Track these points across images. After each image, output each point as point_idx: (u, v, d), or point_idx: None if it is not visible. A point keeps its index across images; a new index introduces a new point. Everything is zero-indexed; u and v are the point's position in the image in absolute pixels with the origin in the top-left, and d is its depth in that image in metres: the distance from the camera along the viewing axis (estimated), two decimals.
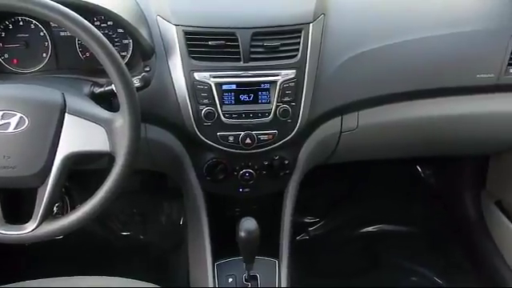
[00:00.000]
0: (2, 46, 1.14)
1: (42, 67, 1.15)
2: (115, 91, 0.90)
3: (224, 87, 1.10)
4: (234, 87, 1.10)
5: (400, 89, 1.22)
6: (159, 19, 1.13)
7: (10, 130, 0.87)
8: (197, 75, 1.09)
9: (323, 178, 1.75)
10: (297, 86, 1.11)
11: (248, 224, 1.06)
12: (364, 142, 1.31)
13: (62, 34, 1.14)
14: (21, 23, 1.13)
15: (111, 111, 0.93)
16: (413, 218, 1.93)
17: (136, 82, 1.01)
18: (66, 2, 0.89)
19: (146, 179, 1.84)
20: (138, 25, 1.08)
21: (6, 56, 1.15)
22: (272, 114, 1.11)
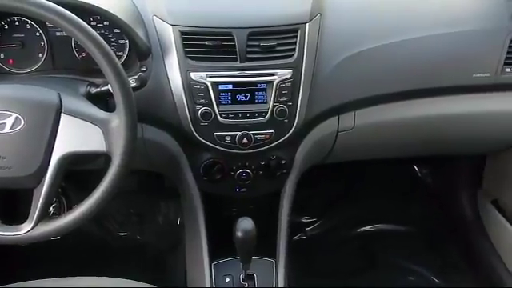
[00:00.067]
0: None
1: (38, 67, 1.15)
2: (111, 91, 0.90)
3: (220, 87, 1.10)
4: (230, 87, 1.10)
5: (397, 88, 1.22)
6: (155, 19, 1.13)
7: (5, 131, 0.87)
8: (193, 75, 1.09)
9: (320, 177, 1.75)
10: (293, 85, 1.11)
11: (245, 224, 1.05)
12: (361, 141, 1.31)
13: (58, 34, 1.14)
14: (16, 23, 1.13)
15: (107, 111, 0.92)
16: (410, 218, 1.94)
17: (132, 82, 1.01)
18: (61, 1, 0.88)
19: (143, 179, 1.84)
20: (134, 25, 1.08)
21: (1, 56, 1.14)
22: (269, 114, 1.11)
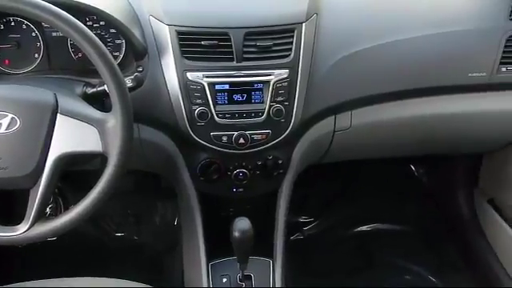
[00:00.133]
0: None
1: (34, 68, 1.15)
2: (107, 91, 0.90)
3: (217, 87, 1.10)
4: (227, 87, 1.10)
5: (393, 88, 1.22)
6: (152, 19, 1.12)
7: (1, 131, 0.87)
8: (190, 75, 1.09)
9: (317, 177, 1.75)
10: (290, 85, 1.11)
11: (242, 224, 1.05)
12: (357, 141, 1.31)
13: (54, 35, 1.14)
14: (12, 23, 1.13)
15: (104, 111, 0.92)
16: (406, 217, 1.94)
17: (128, 82, 1.01)
18: (57, 1, 0.88)
19: (140, 180, 1.84)
20: (130, 25, 1.08)
21: None
22: (265, 114, 1.11)
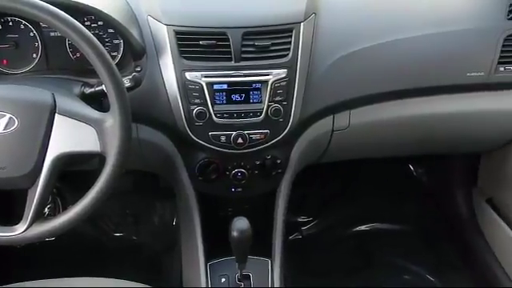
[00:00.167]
0: None
1: (32, 68, 1.15)
2: (106, 91, 0.90)
3: (215, 87, 1.10)
4: (225, 87, 1.10)
5: (391, 87, 1.22)
6: (150, 19, 1.12)
7: None
8: (188, 75, 1.09)
9: (315, 177, 1.75)
10: (288, 85, 1.11)
11: (240, 223, 1.05)
12: (356, 140, 1.32)
13: (52, 35, 1.14)
14: (10, 24, 1.13)
15: (102, 111, 0.92)
16: (405, 217, 1.94)
17: (126, 82, 1.01)
18: (55, 2, 0.88)
19: (138, 180, 1.84)
20: (128, 25, 1.08)
21: None
22: (264, 114, 1.11)
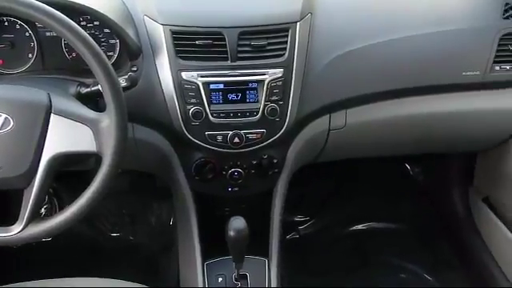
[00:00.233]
0: None
1: (27, 68, 1.14)
2: (101, 91, 0.90)
3: (212, 86, 1.10)
4: (221, 86, 1.10)
5: (387, 87, 1.22)
6: (146, 19, 1.12)
7: None
8: (184, 75, 1.09)
9: (312, 176, 1.75)
10: (284, 84, 1.11)
11: (237, 223, 1.05)
12: (352, 140, 1.32)
13: (47, 35, 1.13)
14: (6, 23, 1.12)
15: (98, 111, 0.92)
16: (401, 216, 1.94)
17: (122, 82, 1.00)
18: (51, 1, 0.88)
19: (135, 180, 1.83)
20: (124, 25, 1.08)
21: None
22: (260, 113, 1.11)
